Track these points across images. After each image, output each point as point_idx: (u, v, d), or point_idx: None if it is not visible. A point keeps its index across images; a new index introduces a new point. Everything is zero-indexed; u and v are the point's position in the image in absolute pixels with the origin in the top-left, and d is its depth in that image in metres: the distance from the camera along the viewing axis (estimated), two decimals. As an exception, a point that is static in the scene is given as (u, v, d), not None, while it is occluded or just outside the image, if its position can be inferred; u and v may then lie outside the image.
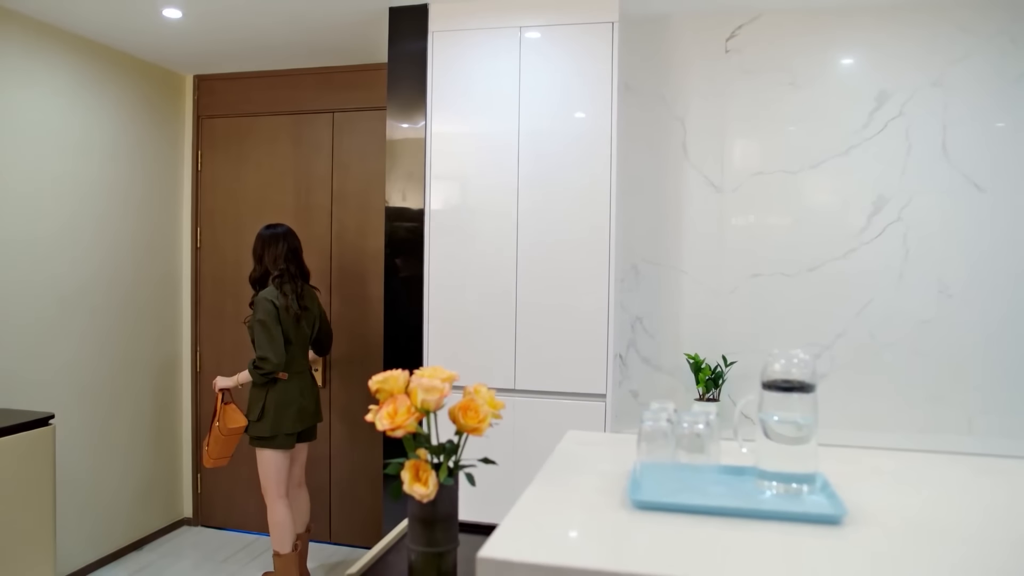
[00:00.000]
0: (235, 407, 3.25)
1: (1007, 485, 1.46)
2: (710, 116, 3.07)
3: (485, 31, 2.84)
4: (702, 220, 3.11)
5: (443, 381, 1.35)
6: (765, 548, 1.09)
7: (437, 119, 2.88)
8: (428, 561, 1.38)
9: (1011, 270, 2.84)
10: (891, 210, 2.92)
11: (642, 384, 3.17)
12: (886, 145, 2.91)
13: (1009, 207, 2.83)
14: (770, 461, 1.34)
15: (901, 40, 2.89)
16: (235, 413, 3.23)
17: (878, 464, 1.55)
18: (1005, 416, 2.83)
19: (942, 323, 2.89)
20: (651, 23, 3.06)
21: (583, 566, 0.99)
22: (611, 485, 1.35)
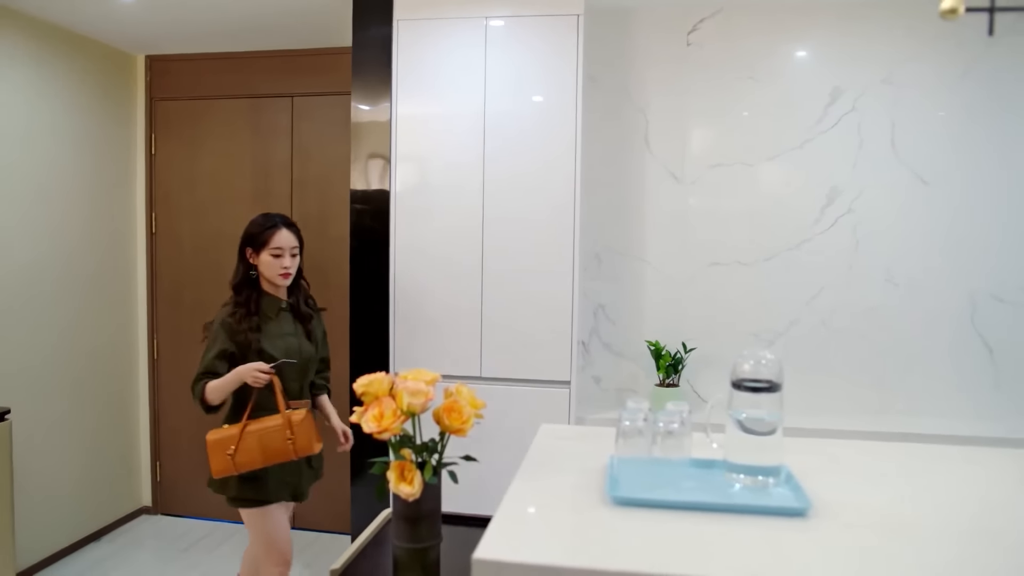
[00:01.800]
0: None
1: (956, 472, 1.57)
2: (671, 108, 3.13)
3: (451, 20, 2.84)
4: (663, 210, 3.18)
5: (427, 383, 1.39)
6: (737, 541, 1.16)
7: (403, 105, 2.88)
8: (413, 557, 1.43)
9: (952, 260, 2.99)
10: (843, 202, 3.03)
11: (604, 370, 3.25)
12: (839, 139, 3.02)
13: (951, 200, 2.97)
14: (738, 455, 1.42)
15: (854, 38, 2.99)
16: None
17: (836, 453, 1.65)
18: (946, 399, 3.00)
19: (888, 310, 3.03)
20: (615, 16, 3.10)
21: (573, 565, 1.05)
22: (589, 481, 1.41)
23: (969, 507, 1.36)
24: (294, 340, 2.45)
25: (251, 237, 2.42)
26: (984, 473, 1.58)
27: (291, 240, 2.42)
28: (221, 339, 2.34)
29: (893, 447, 1.74)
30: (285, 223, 2.43)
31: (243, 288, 2.41)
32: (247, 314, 2.35)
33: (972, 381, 2.99)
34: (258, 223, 2.43)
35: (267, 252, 2.38)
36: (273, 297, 2.44)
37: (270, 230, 2.39)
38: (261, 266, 2.40)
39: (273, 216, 2.45)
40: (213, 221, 3.80)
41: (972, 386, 2.99)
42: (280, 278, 2.40)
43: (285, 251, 2.39)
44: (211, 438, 2.27)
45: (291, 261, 2.41)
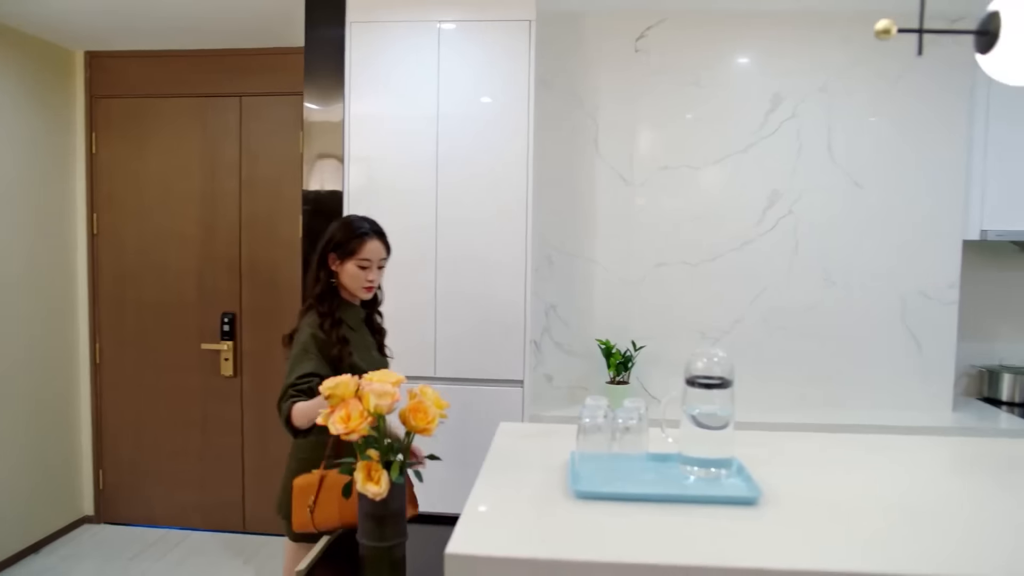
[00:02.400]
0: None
1: (889, 459, 1.67)
2: (620, 112, 3.20)
3: (403, 24, 2.85)
4: (612, 212, 3.25)
5: (393, 385, 1.42)
6: (693, 529, 1.23)
7: (356, 105, 2.87)
8: (379, 555, 1.46)
9: (884, 260, 3.14)
10: (783, 205, 3.16)
11: (556, 368, 3.31)
12: (780, 144, 3.14)
13: (883, 203, 3.13)
14: (693, 448, 1.49)
15: (793, 47, 3.12)
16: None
17: (782, 445, 1.74)
18: (879, 391, 3.16)
19: (826, 308, 3.17)
20: (565, 21, 3.16)
21: (541, 557, 1.09)
22: (551, 477, 1.46)
23: (901, 490, 1.46)
24: (375, 353, 2.26)
25: (338, 244, 2.16)
26: (913, 459, 1.70)
27: (380, 251, 2.19)
28: (312, 353, 2.04)
29: (833, 438, 1.85)
30: (376, 231, 2.19)
31: (326, 297, 2.15)
32: (333, 325, 2.10)
33: (902, 374, 3.16)
34: (347, 229, 2.17)
35: (353, 262, 2.13)
36: (354, 307, 2.22)
37: (360, 239, 2.14)
38: (343, 276, 2.15)
39: (363, 222, 2.20)
40: (158, 222, 3.73)
41: (902, 379, 3.16)
42: (363, 291, 2.17)
43: (373, 263, 2.15)
44: (298, 483, 1.87)
45: (377, 274, 2.18)
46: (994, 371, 3.33)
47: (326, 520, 1.77)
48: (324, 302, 2.13)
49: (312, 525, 1.77)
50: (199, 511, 3.81)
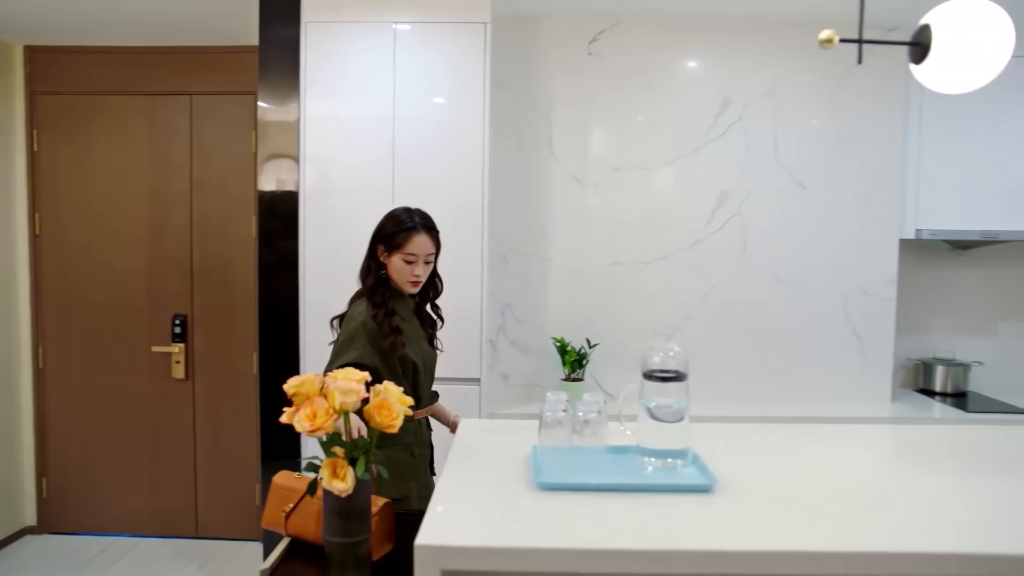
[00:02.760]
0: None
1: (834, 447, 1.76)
2: (574, 114, 3.26)
3: (359, 24, 2.86)
4: (567, 212, 3.31)
5: (357, 382, 1.43)
6: (652, 516, 1.28)
7: (312, 105, 2.87)
8: (345, 551, 1.46)
9: (827, 258, 3.28)
10: (732, 205, 3.26)
11: (512, 367, 3.35)
12: (728, 146, 3.25)
13: (825, 203, 3.26)
14: (650, 440, 1.54)
15: (740, 52, 3.22)
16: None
17: (734, 436, 1.81)
18: (823, 384, 3.29)
19: (773, 305, 3.29)
20: (520, 24, 3.20)
21: (508, 545, 1.13)
22: (514, 470, 1.50)
23: (845, 475, 1.54)
24: (426, 344, 2.23)
25: (386, 236, 2.14)
26: (856, 447, 1.79)
27: (428, 247, 2.14)
28: (359, 342, 2.02)
29: (782, 428, 1.93)
30: (425, 226, 2.14)
31: (378, 289, 2.13)
32: (387, 315, 2.08)
33: (845, 367, 3.30)
34: (395, 221, 2.15)
35: (399, 256, 2.11)
36: (405, 297, 2.19)
37: (407, 232, 2.10)
38: (390, 268, 2.13)
39: (413, 215, 2.15)
40: (105, 222, 3.64)
41: (845, 372, 3.30)
42: (409, 286, 2.14)
43: (419, 258, 2.11)
44: (278, 481, 1.81)
45: (423, 269, 2.14)
46: (928, 364, 3.49)
47: (300, 529, 1.71)
48: (377, 293, 2.11)
49: (283, 528, 1.74)
50: (149, 517, 3.73)
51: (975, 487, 1.49)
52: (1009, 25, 1.41)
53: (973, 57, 1.40)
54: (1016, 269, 3.56)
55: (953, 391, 3.40)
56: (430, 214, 2.46)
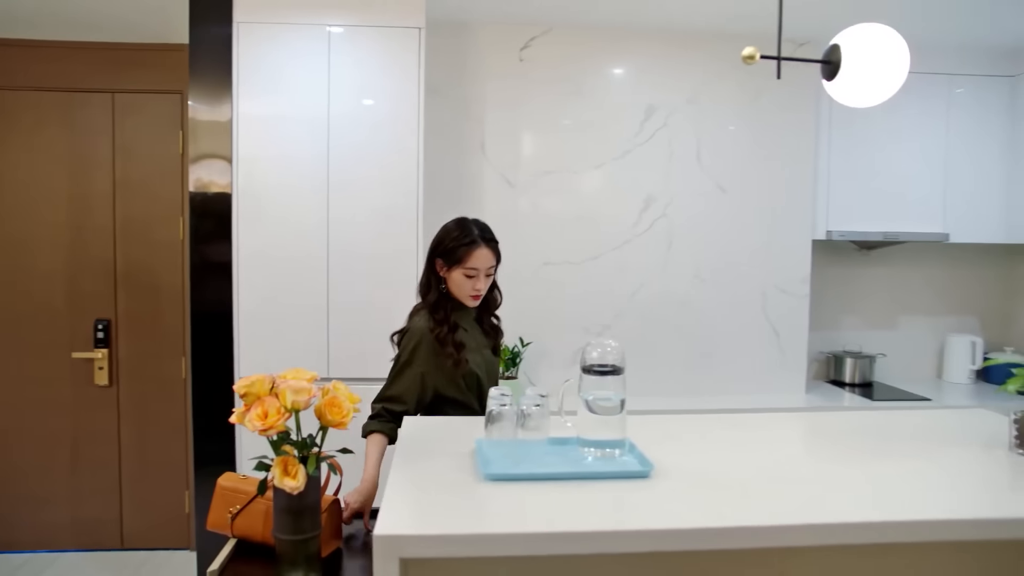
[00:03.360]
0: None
1: (757, 435, 1.89)
2: (506, 118, 3.34)
3: (292, 26, 2.85)
4: (499, 213, 3.36)
5: (308, 382, 1.46)
6: (593, 501, 1.36)
7: (245, 105, 2.84)
8: (296, 548, 1.49)
9: (746, 258, 3.46)
10: (657, 208, 3.41)
11: (448, 367, 3.39)
12: (653, 151, 3.39)
13: (745, 206, 3.45)
14: (589, 432, 1.62)
15: (664, 61, 3.37)
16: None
17: (667, 426, 1.92)
18: (744, 377, 3.47)
19: (697, 303, 3.45)
20: (454, 29, 3.25)
21: (462, 532, 1.19)
22: (461, 463, 1.55)
23: (768, 459, 1.67)
24: (488, 352, 2.21)
25: (445, 251, 2.10)
26: (776, 433, 1.94)
27: (489, 259, 2.08)
28: (420, 362, 2.04)
29: (710, 418, 2.06)
30: (485, 238, 2.09)
31: (440, 305, 2.10)
32: (450, 331, 2.06)
33: (763, 361, 3.49)
34: (454, 236, 2.09)
35: (460, 271, 2.06)
36: (464, 308, 2.16)
37: (467, 247, 2.06)
38: (450, 283, 2.10)
39: (471, 228, 2.11)
40: (20, 223, 3.48)
41: (763, 365, 3.49)
42: (470, 300, 2.11)
43: (480, 272, 2.07)
44: (223, 483, 1.80)
45: (484, 283, 2.09)
46: (839, 356, 3.73)
47: (247, 530, 1.71)
48: (439, 309, 2.09)
49: (230, 529, 1.74)
50: (70, 531, 3.59)
51: (879, 465, 1.64)
52: (905, 48, 1.57)
53: (877, 75, 1.55)
54: (914, 268, 3.84)
55: (860, 381, 3.65)
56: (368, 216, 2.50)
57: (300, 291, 2.92)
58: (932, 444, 1.83)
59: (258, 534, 1.71)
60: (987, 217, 3.57)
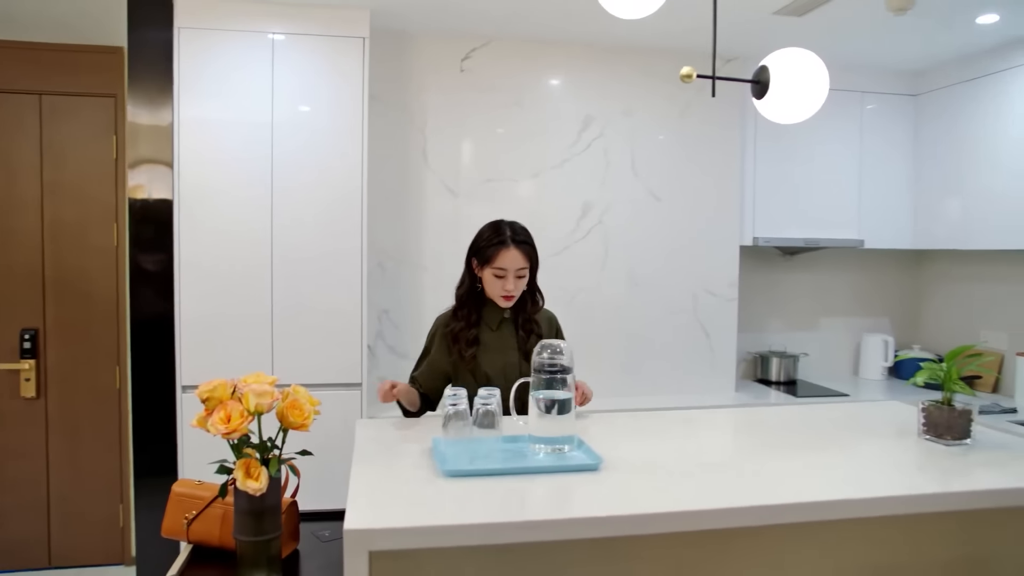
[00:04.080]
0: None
1: (691, 429, 2.01)
2: (447, 127, 3.40)
3: (236, 33, 2.85)
4: (440, 221, 3.44)
5: (270, 385, 1.49)
6: (551, 493, 1.44)
7: (187, 110, 2.82)
8: (257, 549, 1.52)
9: (678, 263, 3.62)
10: (594, 215, 3.53)
11: (390, 371, 3.42)
12: (590, 161, 3.51)
13: (678, 213, 3.60)
14: (540, 429, 1.71)
15: (600, 74, 3.50)
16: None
17: (611, 424, 2.02)
18: (678, 377, 3.62)
19: (632, 307, 3.58)
20: (396, 39, 3.30)
21: (428, 524, 1.25)
22: (419, 461, 1.61)
23: (704, 450, 1.80)
24: (514, 355, 2.21)
25: (477, 250, 2.21)
26: (711, 427, 2.07)
27: (518, 261, 2.15)
28: (434, 349, 2.23)
29: (650, 415, 2.17)
30: (516, 240, 2.16)
31: (467, 300, 2.21)
32: (467, 327, 2.17)
33: (695, 362, 3.65)
34: (486, 236, 2.20)
35: (490, 270, 2.15)
36: (496, 307, 2.22)
37: (496, 247, 2.15)
38: (484, 282, 2.19)
39: (503, 229, 2.19)
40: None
41: (695, 365, 3.65)
42: (501, 300, 2.18)
43: (509, 272, 2.14)
44: (178, 490, 1.80)
45: (515, 284, 2.15)
46: (765, 356, 3.93)
47: (203, 535, 1.72)
48: (465, 305, 2.21)
49: (185, 535, 1.74)
50: (-6, 549, 3.45)
51: (805, 453, 1.78)
52: (824, 70, 1.72)
53: (801, 94, 1.69)
54: (833, 272, 4.09)
55: (785, 380, 3.86)
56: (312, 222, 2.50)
57: (244, 297, 2.91)
58: (852, 434, 1.99)
59: (215, 538, 1.73)
60: (897, 225, 3.84)
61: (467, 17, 3.11)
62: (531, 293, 2.27)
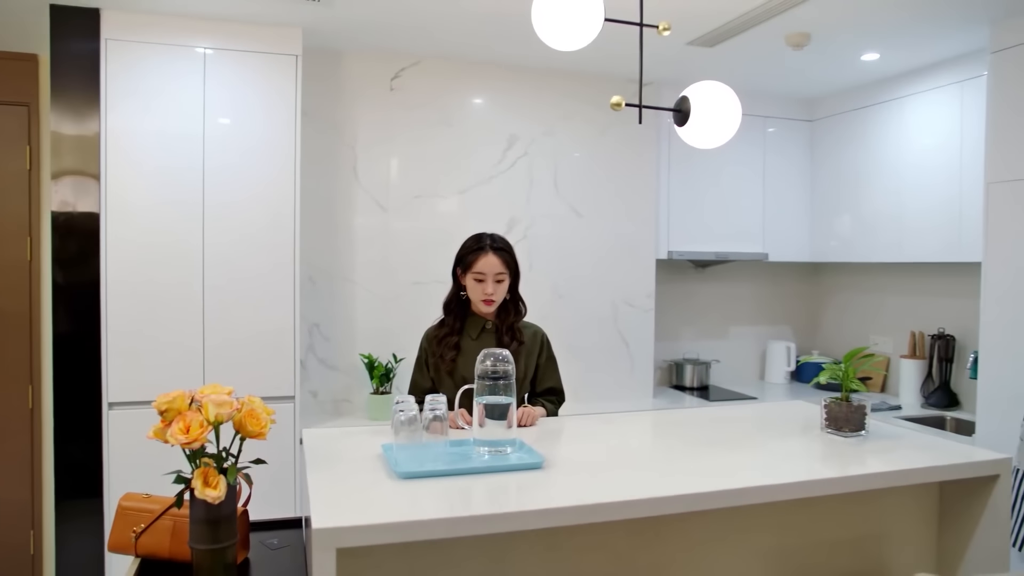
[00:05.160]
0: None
1: (618, 431, 2.17)
2: (378, 144, 3.48)
3: (165, 46, 2.84)
4: (370, 235, 3.50)
5: (228, 395, 1.54)
6: (501, 490, 1.55)
7: (115, 122, 2.79)
8: (214, 557, 1.56)
9: (599, 276, 3.81)
10: (520, 230, 3.67)
11: (320, 384, 3.45)
12: (515, 178, 3.66)
13: (598, 228, 3.80)
14: (484, 433, 1.81)
15: (525, 95, 3.66)
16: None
17: (545, 428, 2.15)
18: (600, 383, 3.80)
19: (557, 318, 3.72)
20: (328, 57, 3.35)
21: (392, 520, 1.33)
22: (372, 466, 1.69)
23: (631, 450, 1.95)
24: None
25: (459, 258, 2.36)
26: (634, 429, 2.25)
27: (496, 266, 2.29)
28: (420, 363, 2.39)
29: (580, 419, 2.32)
30: (494, 247, 2.31)
31: (452, 306, 2.38)
32: (450, 333, 2.33)
33: (616, 368, 3.84)
34: (467, 244, 2.36)
35: (471, 275, 2.30)
36: (479, 317, 2.36)
37: (475, 253, 2.30)
38: (467, 289, 2.34)
39: (483, 238, 2.34)
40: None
41: (616, 372, 3.84)
42: (482, 304, 2.31)
43: (488, 277, 2.28)
44: (125, 504, 1.78)
45: (495, 287, 2.29)
46: (680, 364, 4.17)
47: (153, 548, 1.73)
48: (450, 312, 2.38)
49: (133, 549, 1.75)
50: None
51: (722, 448, 1.96)
52: (738, 101, 1.92)
53: (718, 122, 1.87)
54: (741, 284, 4.39)
55: (698, 385, 4.11)
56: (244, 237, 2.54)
57: (175, 311, 2.89)
58: (762, 430, 2.19)
59: (165, 551, 1.74)
60: (797, 239, 4.17)
61: (397, 37, 3.20)
62: (514, 303, 2.42)
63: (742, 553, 1.79)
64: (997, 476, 1.82)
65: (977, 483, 1.86)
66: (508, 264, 2.34)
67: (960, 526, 1.91)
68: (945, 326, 3.67)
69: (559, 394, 2.51)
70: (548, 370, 2.50)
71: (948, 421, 3.47)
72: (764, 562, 1.81)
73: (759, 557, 1.81)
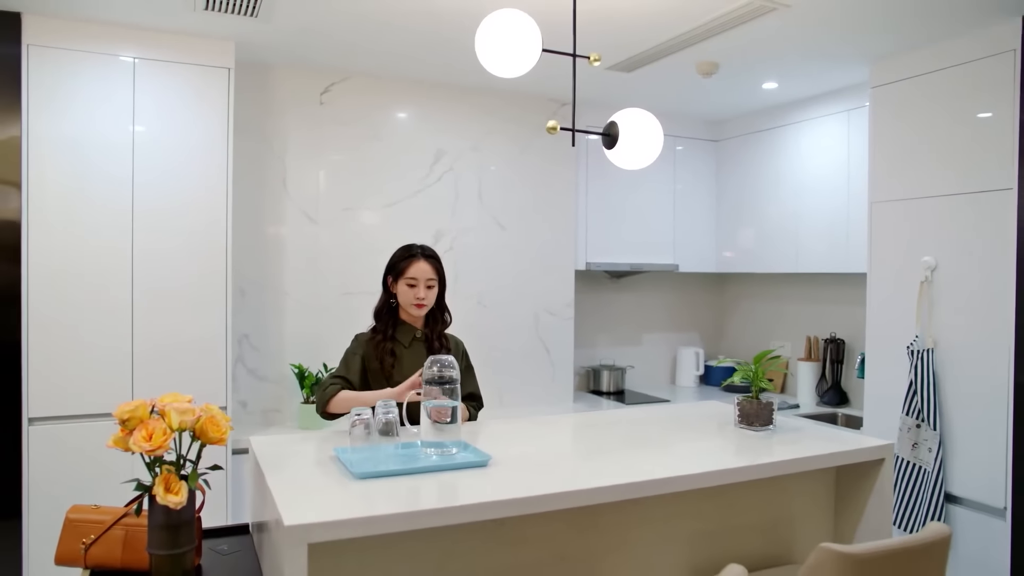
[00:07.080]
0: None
1: (549, 432, 2.33)
2: (307, 157, 3.52)
3: (91, 55, 2.81)
4: (300, 247, 3.53)
5: (188, 403, 1.59)
6: (449, 487, 1.67)
7: (38, 129, 2.73)
8: (173, 562, 1.60)
9: (521, 286, 3.98)
10: (446, 242, 3.79)
11: (250, 394, 3.45)
12: (442, 191, 3.78)
13: (520, 240, 3.96)
14: (431, 435, 1.92)
15: (450, 112, 3.79)
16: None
17: (484, 430, 2.28)
18: (524, 390, 3.95)
19: (482, 326, 3.87)
20: (259, 70, 3.37)
21: (359, 515, 1.43)
22: (326, 468, 1.77)
23: (562, 448, 2.11)
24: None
25: (390, 266, 2.49)
26: (560, 429, 2.43)
27: (427, 272, 2.44)
28: (348, 360, 2.42)
29: (509, 423, 2.48)
30: (424, 254, 2.47)
31: (383, 315, 2.49)
32: (384, 339, 2.43)
33: (538, 375, 4.01)
34: (398, 253, 2.50)
35: (403, 281, 2.43)
36: (409, 326, 2.49)
37: (408, 260, 2.45)
38: (398, 295, 2.45)
39: (414, 247, 2.50)
40: None
41: (538, 378, 4.01)
42: (414, 307, 2.43)
43: (420, 282, 2.42)
44: (72, 516, 1.76)
45: (426, 292, 2.43)
46: (597, 370, 4.38)
47: (103, 559, 1.73)
48: (380, 319, 2.50)
49: (83, 561, 1.75)
50: None
51: (646, 444, 2.15)
52: (659, 127, 2.12)
53: (643, 146, 2.07)
54: (653, 293, 4.65)
55: (615, 390, 4.33)
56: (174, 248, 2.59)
57: (102, 322, 2.85)
58: (680, 428, 2.40)
59: (117, 560, 1.76)
60: (704, 251, 4.47)
61: (326, 53, 3.27)
62: (440, 311, 2.56)
63: (670, 538, 1.97)
64: (883, 460, 2.09)
65: (866, 467, 2.12)
66: (438, 271, 2.50)
67: (853, 505, 2.17)
68: (836, 331, 4.04)
69: (478, 400, 2.61)
70: (468, 377, 2.60)
71: (840, 417, 3.82)
72: (690, 546, 2.00)
73: (685, 541, 2.00)
